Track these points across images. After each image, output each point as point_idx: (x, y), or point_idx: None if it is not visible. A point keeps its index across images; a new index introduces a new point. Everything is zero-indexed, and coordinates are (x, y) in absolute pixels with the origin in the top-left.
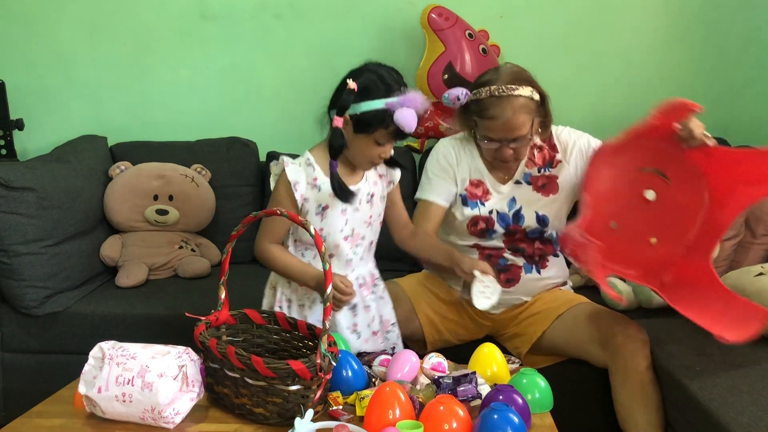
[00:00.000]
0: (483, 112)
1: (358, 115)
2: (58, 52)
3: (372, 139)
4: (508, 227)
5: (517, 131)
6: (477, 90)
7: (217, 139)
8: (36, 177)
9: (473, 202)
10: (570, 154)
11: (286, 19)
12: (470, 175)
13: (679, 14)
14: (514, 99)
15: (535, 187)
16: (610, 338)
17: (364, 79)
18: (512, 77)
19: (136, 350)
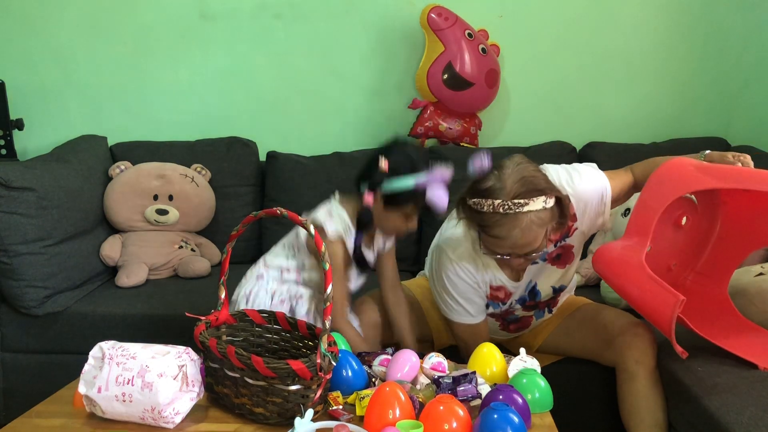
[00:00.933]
0: (486, 229)
1: (389, 192)
2: (58, 52)
3: (402, 214)
4: (525, 303)
5: (528, 247)
6: (477, 199)
7: (216, 139)
8: (36, 177)
9: (495, 303)
10: (584, 217)
11: (286, 19)
12: (490, 281)
13: (680, 14)
14: (522, 216)
15: (550, 260)
16: (618, 336)
17: (394, 158)
18: (520, 187)
19: (136, 350)
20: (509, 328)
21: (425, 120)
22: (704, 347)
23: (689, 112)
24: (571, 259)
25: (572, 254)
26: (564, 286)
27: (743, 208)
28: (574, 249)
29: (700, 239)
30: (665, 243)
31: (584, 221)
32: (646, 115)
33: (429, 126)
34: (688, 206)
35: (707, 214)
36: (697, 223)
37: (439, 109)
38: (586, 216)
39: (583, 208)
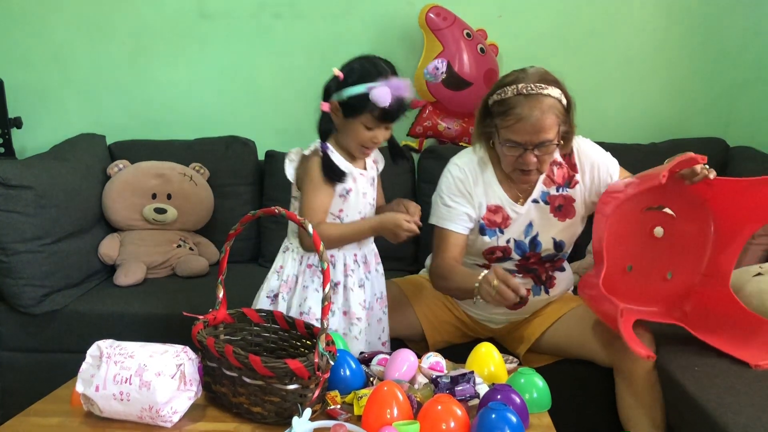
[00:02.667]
0: (509, 111)
1: (345, 100)
2: (57, 51)
3: (360, 124)
4: (524, 254)
5: (544, 134)
6: (501, 89)
7: (215, 137)
8: (34, 175)
9: (492, 230)
10: (587, 174)
11: (285, 19)
12: (487, 199)
13: (679, 14)
14: (543, 98)
15: (552, 209)
16: (616, 337)
17: (350, 66)
18: (541, 77)
19: (133, 349)
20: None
21: (424, 120)
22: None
23: (688, 112)
24: (572, 214)
25: (573, 208)
26: (563, 243)
27: (727, 198)
28: (575, 204)
29: (696, 243)
30: (647, 257)
31: (586, 179)
32: (645, 116)
33: (428, 126)
34: (659, 218)
35: (694, 217)
36: (681, 229)
37: (437, 108)
38: (588, 175)
39: (588, 166)
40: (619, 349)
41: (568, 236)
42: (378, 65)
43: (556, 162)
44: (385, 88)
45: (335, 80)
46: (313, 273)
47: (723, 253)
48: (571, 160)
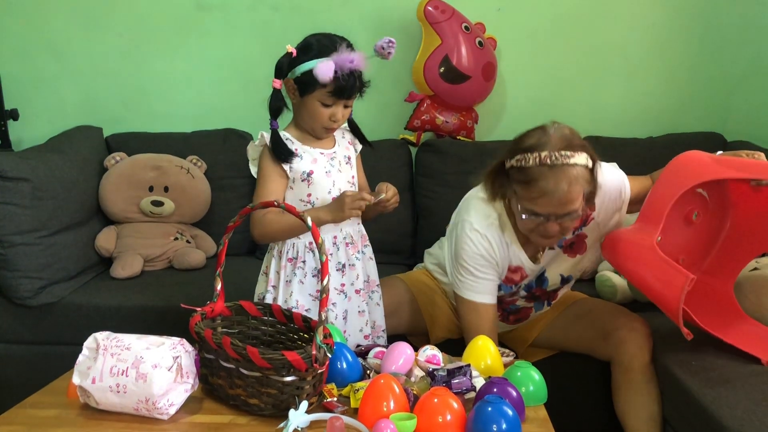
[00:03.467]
0: (531, 183)
1: (299, 76)
2: (54, 42)
3: (316, 100)
4: (530, 290)
5: (571, 206)
6: (522, 154)
7: (213, 130)
8: (31, 167)
9: (508, 286)
10: (601, 210)
11: (283, 11)
12: (509, 261)
13: (677, 9)
14: (569, 169)
15: (564, 248)
16: (614, 331)
17: (303, 42)
18: (566, 142)
19: (130, 341)
20: (509, 319)
21: (422, 113)
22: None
23: (686, 107)
24: (583, 250)
25: (584, 244)
26: (570, 277)
27: (753, 211)
28: (587, 239)
29: (708, 239)
30: (675, 237)
31: (601, 213)
32: (643, 110)
33: (426, 119)
34: (699, 203)
35: (717, 214)
36: (707, 221)
37: (435, 102)
38: (603, 208)
39: (602, 199)
40: (617, 344)
41: (576, 271)
42: (332, 39)
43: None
44: (329, 63)
45: (287, 57)
46: (294, 266)
47: (732, 259)
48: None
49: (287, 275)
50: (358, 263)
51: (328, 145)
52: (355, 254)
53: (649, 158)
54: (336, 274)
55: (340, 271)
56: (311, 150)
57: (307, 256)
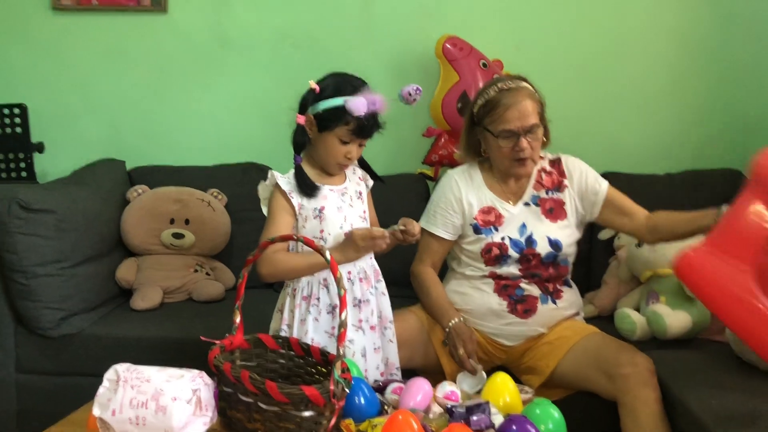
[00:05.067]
0: (497, 106)
1: (321, 113)
2: (80, 77)
3: (335, 137)
4: (522, 251)
5: (531, 118)
6: (483, 93)
7: (233, 164)
8: (55, 199)
9: (486, 229)
10: (575, 180)
11: (303, 49)
12: (479, 202)
13: (695, 46)
14: (522, 89)
15: (543, 210)
16: (617, 369)
17: (326, 80)
18: (515, 76)
19: (150, 373)
20: (517, 309)
21: (439, 148)
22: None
23: (704, 143)
24: (564, 216)
25: (564, 211)
26: (559, 242)
27: None
28: (565, 206)
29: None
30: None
31: (574, 184)
32: (662, 146)
33: (443, 154)
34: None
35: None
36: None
37: (453, 137)
38: (576, 181)
39: (576, 173)
40: (622, 381)
41: (564, 237)
42: (354, 80)
43: (545, 170)
44: (362, 98)
45: (311, 93)
46: (308, 304)
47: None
48: (559, 167)
49: (302, 314)
50: (372, 298)
51: (338, 181)
52: (369, 289)
53: (667, 195)
54: (353, 310)
55: (357, 307)
56: (322, 186)
57: (321, 293)
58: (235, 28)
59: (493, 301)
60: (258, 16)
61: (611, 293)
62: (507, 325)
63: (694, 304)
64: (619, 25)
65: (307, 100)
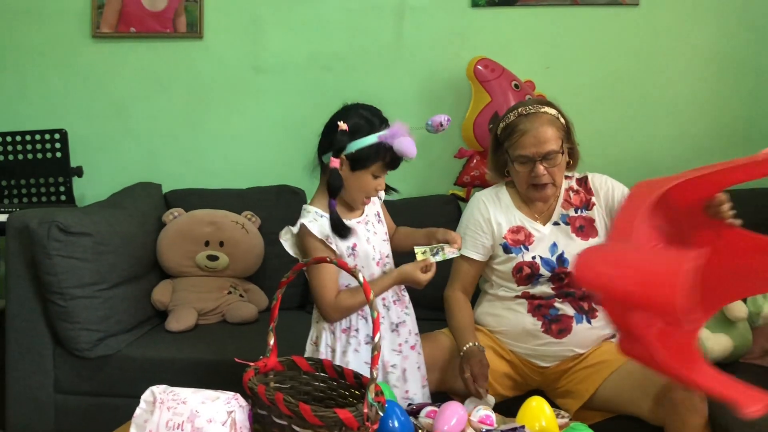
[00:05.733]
0: (513, 130)
1: (354, 153)
2: (118, 103)
3: (369, 174)
4: (553, 270)
5: (548, 144)
6: (505, 117)
7: (267, 186)
8: (93, 222)
9: (516, 248)
10: (601, 196)
11: (335, 72)
12: (507, 222)
13: (728, 63)
14: (540, 114)
15: (573, 228)
16: (667, 393)
17: (352, 119)
18: (538, 101)
19: (186, 395)
20: (552, 330)
21: (471, 169)
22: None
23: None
24: (595, 233)
25: (595, 228)
26: None
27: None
28: (596, 223)
29: None
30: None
31: (601, 201)
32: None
33: (475, 175)
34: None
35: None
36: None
37: (485, 158)
38: (603, 197)
39: (603, 189)
40: (671, 405)
41: None
42: (377, 114)
43: (573, 189)
44: (410, 140)
45: (341, 133)
46: (348, 336)
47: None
48: (586, 186)
49: (342, 346)
50: (408, 318)
51: (358, 213)
52: (404, 310)
53: None
54: (391, 335)
55: (395, 332)
56: (348, 222)
57: (360, 323)
58: (268, 53)
59: (527, 322)
60: (291, 41)
61: None
62: (542, 345)
63: (735, 327)
64: (650, 42)
65: (342, 141)
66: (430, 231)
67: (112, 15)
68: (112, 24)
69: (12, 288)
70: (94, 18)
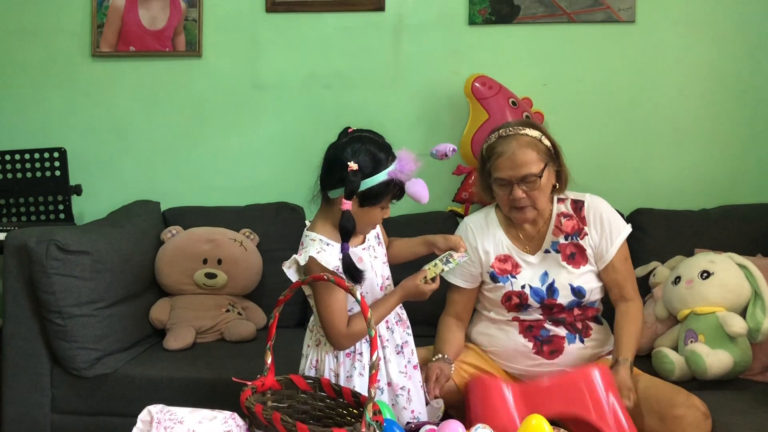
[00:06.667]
0: (492, 152)
1: (364, 191)
2: (117, 122)
3: (378, 208)
4: (542, 301)
5: (525, 168)
6: (488, 138)
7: (265, 204)
8: (91, 241)
9: (503, 277)
10: (593, 227)
11: (334, 89)
12: (495, 250)
13: (727, 79)
14: (519, 136)
15: (564, 256)
16: (671, 410)
17: (361, 157)
18: (521, 122)
19: (183, 414)
20: (543, 351)
21: (469, 186)
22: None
23: (740, 177)
24: (586, 261)
25: (586, 256)
26: (582, 289)
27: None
28: (587, 252)
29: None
30: None
31: (593, 232)
32: (695, 181)
33: (473, 192)
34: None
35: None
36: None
37: None
38: (595, 228)
39: (598, 219)
40: (675, 422)
41: (587, 282)
42: (384, 147)
43: (566, 214)
44: (422, 183)
45: (353, 174)
46: (352, 360)
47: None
48: (580, 213)
49: (347, 370)
50: (410, 338)
51: (360, 239)
52: (406, 331)
53: (703, 230)
54: (397, 357)
55: (400, 354)
56: (354, 250)
57: (364, 347)
58: (267, 71)
59: (519, 343)
60: (289, 59)
61: (648, 332)
62: (534, 366)
63: (735, 343)
64: (650, 59)
65: (350, 182)
66: (427, 239)
67: (112, 34)
68: (112, 43)
69: (9, 307)
70: (94, 37)
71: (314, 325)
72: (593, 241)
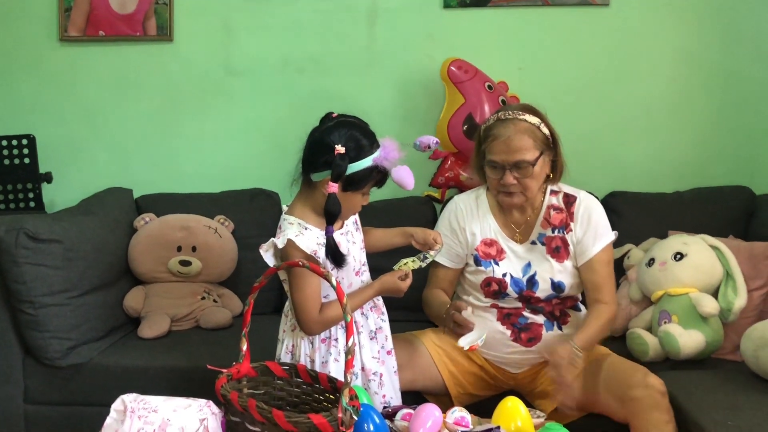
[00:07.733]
0: (488, 134)
1: (348, 176)
2: (87, 108)
3: (360, 194)
4: (521, 292)
5: (519, 154)
6: (488, 119)
7: (240, 190)
8: (63, 229)
9: (486, 261)
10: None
11: (308, 74)
12: (482, 233)
13: (698, 63)
14: (518, 122)
15: (549, 249)
16: (627, 391)
17: (346, 141)
18: (522, 107)
19: (157, 403)
20: (521, 338)
21: (446, 170)
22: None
23: (712, 160)
24: (567, 257)
25: (568, 252)
26: (562, 284)
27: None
28: (569, 248)
29: None
30: None
31: (578, 228)
32: (669, 164)
33: (450, 176)
34: None
35: None
36: None
37: (459, 159)
38: (581, 227)
39: (586, 220)
40: (633, 403)
41: (567, 277)
42: (368, 133)
43: (556, 207)
44: (407, 170)
45: (341, 158)
46: (328, 346)
47: None
48: (571, 208)
49: (322, 356)
50: (384, 324)
51: (339, 224)
52: (380, 317)
53: (676, 212)
54: (370, 343)
55: (374, 339)
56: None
57: (339, 333)
58: (239, 55)
59: (497, 330)
60: (262, 43)
61: (622, 313)
62: (511, 353)
63: (707, 324)
64: (620, 42)
65: (337, 165)
66: (406, 230)
67: (80, 18)
68: (80, 27)
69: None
70: (62, 21)
71: (289, 310)
72: (576, 237)
